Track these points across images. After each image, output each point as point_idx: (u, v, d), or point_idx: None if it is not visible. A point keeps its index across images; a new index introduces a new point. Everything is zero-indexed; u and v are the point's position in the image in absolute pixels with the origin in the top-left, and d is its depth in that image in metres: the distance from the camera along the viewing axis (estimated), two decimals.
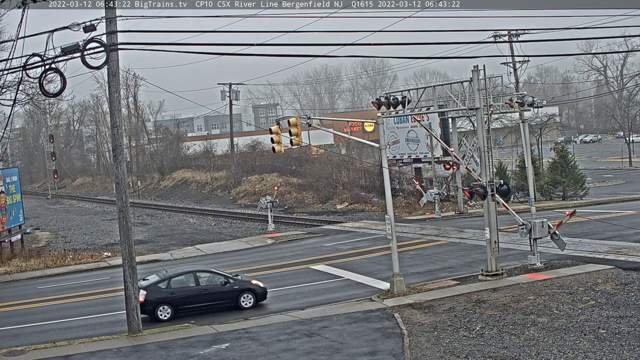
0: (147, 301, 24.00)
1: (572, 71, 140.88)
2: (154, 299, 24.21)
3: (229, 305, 25.04)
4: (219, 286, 25.00)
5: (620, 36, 44.96)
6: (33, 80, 23.92)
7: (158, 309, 24.28)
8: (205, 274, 25.42)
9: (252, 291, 25.38)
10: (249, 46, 21.86)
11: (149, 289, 24.36)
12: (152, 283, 24.70)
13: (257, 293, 25.43)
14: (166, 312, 24.38)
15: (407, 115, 44.96)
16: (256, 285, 25.58)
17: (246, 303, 25.16)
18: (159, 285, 24.58)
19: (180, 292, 24.56)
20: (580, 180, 54.22)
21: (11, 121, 41.45)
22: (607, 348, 16.97)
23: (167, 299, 24.37)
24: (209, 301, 24.84)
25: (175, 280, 24.86)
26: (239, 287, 25.25)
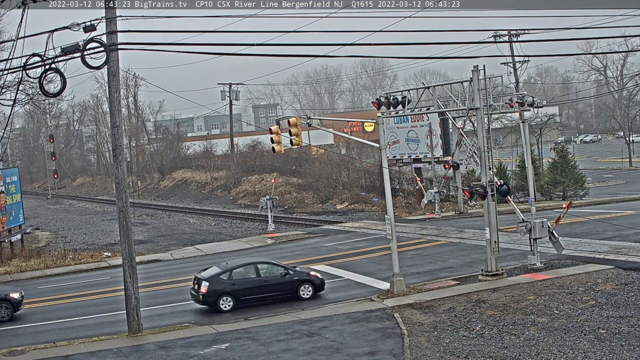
0: (209, 292, 24.52)
1: (572, 71, 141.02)
2: (216, 290, 24.66)
3: (289, 296, 25.49)
4: (279, 277, 25.47)
5: (620, 36, 44.91)
6: (33, 80, 23.93)
7: (220, 300, 24.72)
8: (265, 266, 25.92)
9: (311, 282, 25.92)
10: (249, 46, 21.87)
11: (211, 280, 24.82)
12: (214, 275, 25.13)
13: (315, 284, 25.94)
14: (228, 303, 24.81)
15: (407, 115, 45.01)
16: (314, 277, 26.12)
17: (305, 294, 25.67)
18: (221, 277, 25.01)
19: (242, 283, 25.03)
20: (580, 180, 54.22)
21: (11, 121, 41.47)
22: (607, 348, 16.97)
23: (229, 290, 24.83)
24: (269, 292, 25.33)
25: (237, 271, 25.36)
26: (298, 278, 25.76)
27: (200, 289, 24.54)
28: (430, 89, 32.12)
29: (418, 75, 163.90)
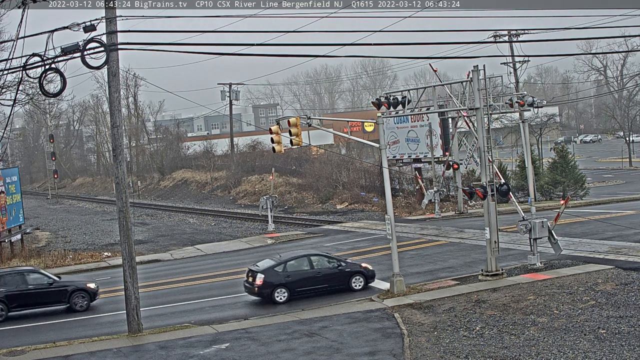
0: (264, 284, 25.13)
1: (572, 71, 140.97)
2: (271, 283, 25.22)
3: (341, 287, 25.95)
4: (332, 269, 26.01)
5: (620, 36, 44.92)
6: (33, 80, 23.93)
7: (275, 292, 25.27)
8: (318, 258, 26.43)
9: (363, 273, 26.47)
10: (249, 46, 21.87)
11: (266, 272, 25.37)
12: (269, 267, 25.67)
13: (366, 275, 26.50)
14: (283, 295, 25.37)
15: (407, 115, 45.01)
16: (365, 268, 26.63)
17: (357, 285, 26.21)
18: (276, 269, 25.57)
19: (296, 275, 25.59)
20: (580, 180, 54.22)
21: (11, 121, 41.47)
22: (607, 348, 16.97)
23: (284, 282, 25.38)
24: (322, 284, 25.82)
25: (291, 264, 25.88)
26: (350, 270, 26.32)
27: (256, 281, 25.17)
28: (430, 88, 32.12)
29: (418, 75, 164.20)
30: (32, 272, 27.40)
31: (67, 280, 28.12)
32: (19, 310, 26.38)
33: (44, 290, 26.47)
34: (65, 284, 27.27)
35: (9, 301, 26.06)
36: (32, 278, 26.83)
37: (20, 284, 26.40)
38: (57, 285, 26.80)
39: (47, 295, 26.46)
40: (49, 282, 26.72)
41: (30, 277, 26.88)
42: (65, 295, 26.70)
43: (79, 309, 26.64)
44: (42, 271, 28.18)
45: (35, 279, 26.85)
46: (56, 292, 26.59)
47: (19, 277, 26.73)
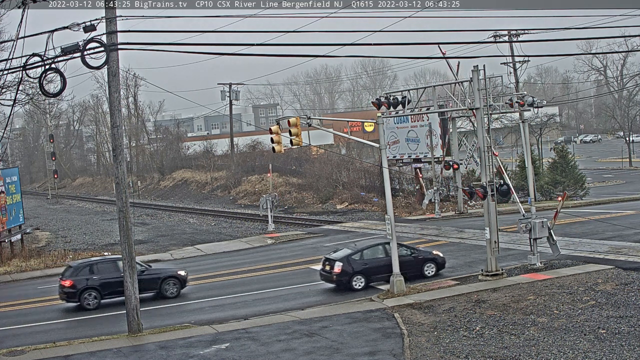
0: (343, 272, 26.02)
1: (572, 71, 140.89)
2: (349, 271, 26.08)
3: (414, 274, 26.70)
4: (406, 256, 26.59)
5: (620, 36, 44.86)
6: (33, 80, 23.93)
7: (353, 280, 26.16)
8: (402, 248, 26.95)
9: (434, 261, 27.56)
10: (249, 46, 21.86)
11: (344, 260, 26.18)
12: (347, 255, 26.48)
13: (438, 263, 27.60)
14: (360, 282, 26.24)
15: (407, 115, 45.01)
16: (437, 255, 27.65)
17: (429, 272, 27.33)
18: (353, 257, 26.40)
19: (372, 262, 26.39)
20: (580, 180, 54.20)
21: (11, 121, 41.46)
22: (607, 348, 16.97)
23: (361, 270, 26.21)
24: None
25: (367, 252, 26.72)
26: (423, 257, 27.43)
27: (334, 269, 26.05)
28: (430, 88, 32.11)
29: (418, 75, 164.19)
30: None
31: (158, 268, 29.32)
32: (111, 298, 26.99)
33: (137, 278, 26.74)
34: (157, 271, 28.35)
35: (102, 288, 26.85)
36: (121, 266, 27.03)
37: (113, 272, 27.05)
38: (149, 272, 27.71)
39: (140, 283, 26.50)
40: (141, 269, 27.12)
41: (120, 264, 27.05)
42: (157, 282, 27.63)
43: (169, 295, 27.57)
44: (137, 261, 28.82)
45: None
46: (149, 280, 27.33)
47: (112, 265, 27.45)
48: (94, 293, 26.71)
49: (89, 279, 26.84)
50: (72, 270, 27.31)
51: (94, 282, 26.78)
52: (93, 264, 27.63)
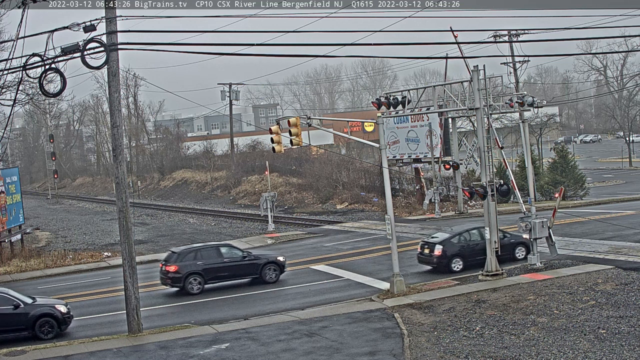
0: (443, 255, 27.35)
1: (572, 71, 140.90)
2: (449, 253, 27.51)
3: (506, 257, 27.71)
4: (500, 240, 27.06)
5: (620, 36, 44.87)
6: (33, 80, 23.93)
7: (452, 262, 27.55)
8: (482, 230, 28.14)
9: (524, 244, 28.60)
10: (249, 46, 21.86)
11: (444, 244, 27.56)
12: (446, 239, 27.86)
13: (527, 246, 28.27)
14: (459, 265, 27.61)
15: (407, 115, 44.99)
16: (527, 239, 27.92)
17: (519, 255, 28.57)
18: (452, 240, 27.83)
19: (469, 245, 27.80)
20: (580, 180, 54.21)
21: (11, 121, 41.44)
22: (607, 348, 16.97)
23: (459, 253, 27.65)
24: None
25: (464, 235, 28.19)
26: (514, 241, 28.60)
27: (434, 252, 27.47)
28: (430, 88, 32.11)
29: (418, 75, 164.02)
30: (226, 247, 29.76)
31: (258, 254, 30.09)
32: (214, 283, 28.31)
33: (238, 264, 28.27)
34: (257, 257, 29.23)
35: (206, 274, 27.98)
36: (226, 252, 28.91)
37: (216, 258, 28.41)
38: (250, 258, 28.72)
39: (241, 268, 28.27)
40: (242, 255, 28.63)
41: (224, 251, 28.99)
42: (257, 267, 28.64)
43: (268, 280, 28.64)
44: (236, 245, 30.69)
45: (229, 252, 28.88)
46: (249, 265, 28.45)
47: (215, 251, 28.76)
48: (199, 278, 27.82)
49: (194, 265, 27.94)
50: (176, 256, 28.34)
51: (198, 267, 27.90)
52: (197, 250, 28.85)
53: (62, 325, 23.12)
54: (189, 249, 29.22)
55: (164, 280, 28.46)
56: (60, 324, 23.06)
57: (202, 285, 27.92)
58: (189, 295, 27.83)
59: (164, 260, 28.82)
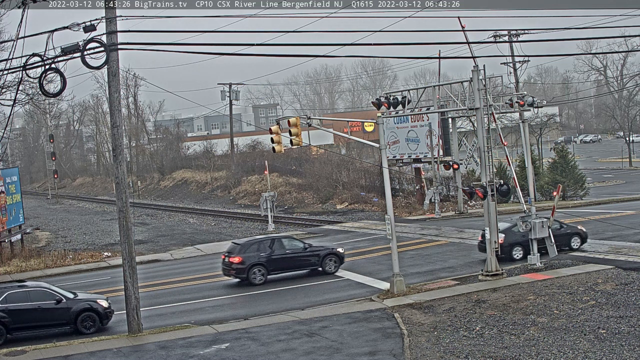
0: (505, 243, 28.28)
1: (572, 71, 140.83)
2: (511, 242, 28.67)
3: (563, 247, 29.17)
4: (556, 230, 28.46)
5: (620, 36, 44.79)
6: (33, 80, 23.92)
7: (513, 250, 28.74)
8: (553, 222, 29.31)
9: (579, 235, 30.10)
10: (249, 46, 21.85)
11: (506, 232, 28.53)
12: (508, 228, 28.88)
13: (582, 236, 30.10)
14: (519, 253, 28.74)
15: (407, 115, 44.99)
16: (581, 230, 30.07)
17: (575, 245, 29.86)
18: (513, 230, 28.61)
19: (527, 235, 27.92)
20: (580, 180, 54.21)
21: (11, 121, 41.43)
22: (607, 348, 16.97)
23: (520, 242, 28.56)
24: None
25: None
26: (570, 232, 29.86)
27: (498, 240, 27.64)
28: (430, 88, 32.11)
29: (418, 75, 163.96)
30: (288, 238, 30.69)
31: (319, 245, 30.88)
32: (276, 274, 28.99)
33: (299, 255, 28.88)
34: (318, 248, 29.97)
35: (269, 265, 28.70)
36: (288, 243, 29.72)
37: (278, 249, 29.14)
38: (311, 250, 29.41)
39: (302, 260, 28.93)
40: (303, 247, 29.42)
41: (286, 242, 29.82)
42: (318, 259, 29.36)
43: (328, 271, 29.38)
44: (296, 237, 31.64)
45: (291, 244, 29.65)
46: (310, 257, 29.18)
47: (277, 243, 29.49)
48: (262, 269, 28.52)
49: (257, 256, 28.66)
50: (239, 247, 29.07)
51: (261, 258, 28.63)
52: (260, 241, 29.61)
53: (103, 320, 23.34)
54: (252, 240, 30.11)
55: (227, 272, 29.22)
56: (102, 318, 23.28)
57: (265, 277, 28.62)
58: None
59: (226, 252, 29.58)
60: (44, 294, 23.09)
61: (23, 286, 23.52)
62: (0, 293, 22.74)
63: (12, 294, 22.73)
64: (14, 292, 22.88)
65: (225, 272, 29.48)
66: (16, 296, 22.71)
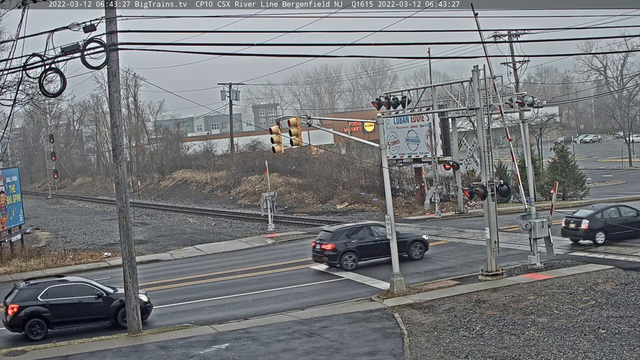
0: (589, 229, 30.17)
1: (572, 71, 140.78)
2: (594, 227, 30.33)
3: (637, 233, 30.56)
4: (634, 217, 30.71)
5: (620, 36, 44.76)
6: (33, 80, 23.93)
7: (596, 235, 30.31)
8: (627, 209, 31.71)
9: None
10: (249, 46, 21.85)
11: (590, 219, 30.42)
12: (591, 214, 30.69)
13: None
14: (601, 237, 30.34)
15: (407, 115, 45.00)
16: None
17: None
18: (596, 216, 30.67)
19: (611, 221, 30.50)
20: (580, 180, 54.21)
21: (11, 121, 41.44)
22: (607, 348, 16.97)
23: (602, 227, 30.37)
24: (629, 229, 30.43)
25: (606, 212, 31.08)
26: None
27: (581, 226, 30.34)
28: (430, 88, 32.13)
29: (418, 75, 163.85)
30: (376, 225, 31.25)
31: (406, 232, 31.78)
32: (366, 260, 29.97)
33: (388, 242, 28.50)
34: (406, 235, 30.78)
35: (360, 251, 29.83)
36: (377, 231, 30.28)
37: (368, 236, 30.15)
38: (399, 237, 28.69)
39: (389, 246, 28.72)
40: None
41: (375, 230, 30.41)
42: (405, 245, 30.00)
43: (414, 257, 30.43)
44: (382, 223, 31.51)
45: (380, 232, 30.08)
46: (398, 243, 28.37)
47: (367, 230, 30.44)
48: (353, 256, 29.65)
49: (348, 243, 29.76)
50: (331, 234, 30.28)
51: (353, 245, 29.72)
52: (350, 229, 30.65)
53: (143, 314, 23.33)
54: (343, 228, 31.17)
55: (319, 258, 30.39)
56: (142, 312, 23.26)
57: (356, 263, 29.69)
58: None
59: (318, 240, 30.76)
60: (84, 288, 23.42)
61: (64, 281, 23.78)
62: (42, 287, 23.03)
63: (53, 289, 23.01)
64: (55, 286, 23.14)
65: (316, 259, 30.83)
66: (57, 291, 23.00)
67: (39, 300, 22.63)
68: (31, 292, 22.85)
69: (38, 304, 22.56)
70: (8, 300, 22.83)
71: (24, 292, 22.84)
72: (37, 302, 22.56)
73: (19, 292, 22.87)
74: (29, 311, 22.40)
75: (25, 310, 22.39)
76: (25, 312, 22.37)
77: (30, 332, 22.38)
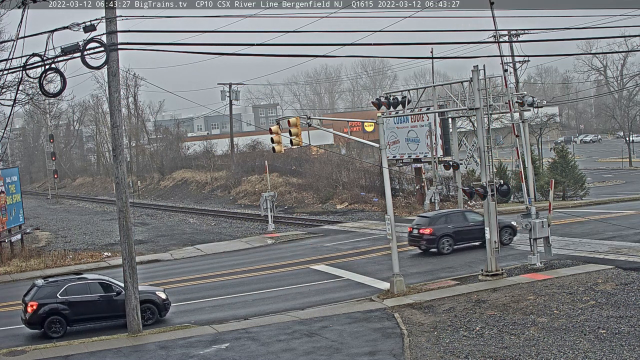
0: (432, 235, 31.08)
1: (572, 71, 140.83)
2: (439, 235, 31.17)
3: None
4: None
5: (620, 36, 44.77)
6: (33, 80, 23.96)
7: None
8: None
9: None
10: (249, 46, 21.85)
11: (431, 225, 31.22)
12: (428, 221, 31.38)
13: None
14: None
15: (407, 115, 44.97)
16: None
17: None
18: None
19: None
20: (580, 180, 54.20)
21: (11, 121, 41.46)
22: (607, 348, 16.97)
23: None
24: None
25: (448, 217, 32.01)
26: None
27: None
28: (430, 88, 32.12)
29: (418, 75, 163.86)
30: (470, 212, 33.09)
31: None
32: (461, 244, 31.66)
33: (480, 227, 29.46)
34: None
35: (456, 236, 31.54)
36: (470, 216, 32.05)
37: (462, 222, 31.71)
38: None
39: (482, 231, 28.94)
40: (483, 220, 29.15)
41: (469, 215, 32.21)
42: None
43: (504, 242, 31.18)
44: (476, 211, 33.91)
45: (472, 217, 31.92)
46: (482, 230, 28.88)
47: (461, 216, 32.08)
48: (450, 240, 31.31)
49: (445, 228, 31.34)
50: (429, 220, 31.86)
51: (449, 230, 31.36)
52: (446, 214, 32.33)
53: (162, 312, 23.52)
54: (440, 213, 32.85)
55: (417, 243, 31.98)
56: (160, 310, 23.47)
57: (452, 247, 31.30)
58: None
59: (415, 225, 32.23)
60: (103, 286, 23.42)
61: (82, 278, 23.76)
62: (61, 285, 23.01)
63: (72, 286, 23.01)
64: (74, 284, 23.14)
65: (413, 243, 32.27)
66: (76, 288, 23.00)
67: (58, 297, 22.61)
68: (50, 289, 22.83)
69: (57, 301, 22.54)
70: (27, 298, 22.78)
71: (43, 290, 22.80)
72: (56, 300, 22.54)
73: (38, 290, 22.82)
74: (48, 309, 22.38)
75: (45, 308, 22.35)
76: (44, 309, 22.34)
77: (50, 329, 22.39)
